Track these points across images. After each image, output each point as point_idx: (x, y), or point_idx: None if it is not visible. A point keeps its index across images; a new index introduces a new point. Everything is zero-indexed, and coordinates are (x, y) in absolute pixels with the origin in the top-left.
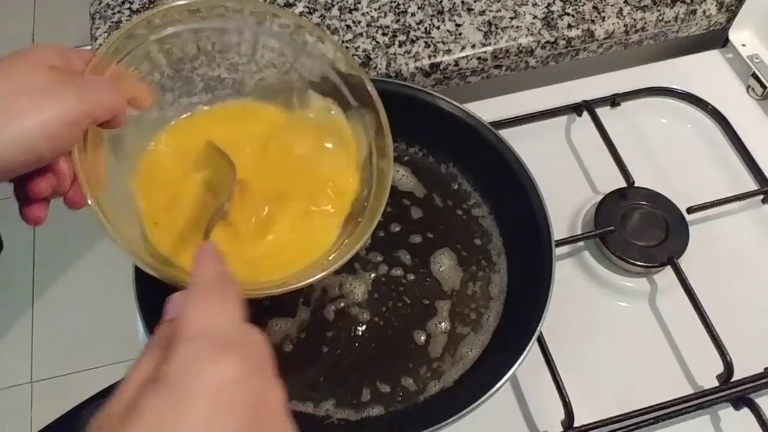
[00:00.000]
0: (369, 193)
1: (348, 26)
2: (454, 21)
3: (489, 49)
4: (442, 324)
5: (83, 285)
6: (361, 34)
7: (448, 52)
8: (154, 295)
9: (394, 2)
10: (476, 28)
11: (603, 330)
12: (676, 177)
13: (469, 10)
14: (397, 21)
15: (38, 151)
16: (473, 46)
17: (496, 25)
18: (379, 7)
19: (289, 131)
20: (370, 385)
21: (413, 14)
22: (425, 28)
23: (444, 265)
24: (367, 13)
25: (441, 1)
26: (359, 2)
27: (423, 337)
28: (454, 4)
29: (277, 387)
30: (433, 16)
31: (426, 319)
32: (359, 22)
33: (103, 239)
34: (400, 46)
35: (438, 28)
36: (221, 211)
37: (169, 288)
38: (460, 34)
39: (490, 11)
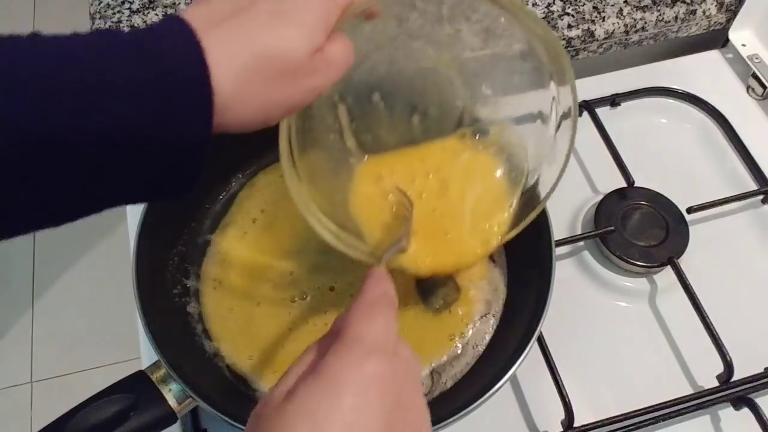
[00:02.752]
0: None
1: None
2: None
3: None
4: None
5: (83, 285)
6: None
7: None
8: (154, 295)
9: None
10: None
11: (603, 330)
12: (676, 177)
13: None
14: None
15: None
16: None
17: None
18: None
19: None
20: None
21: None
22: None
23: None
24: None
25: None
26: None
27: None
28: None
29: (418, 398)
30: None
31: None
32: None
33: (103, 239)
34: None
35: None
36: (399, 245)
37: (168, 288)
38: None
39: None
